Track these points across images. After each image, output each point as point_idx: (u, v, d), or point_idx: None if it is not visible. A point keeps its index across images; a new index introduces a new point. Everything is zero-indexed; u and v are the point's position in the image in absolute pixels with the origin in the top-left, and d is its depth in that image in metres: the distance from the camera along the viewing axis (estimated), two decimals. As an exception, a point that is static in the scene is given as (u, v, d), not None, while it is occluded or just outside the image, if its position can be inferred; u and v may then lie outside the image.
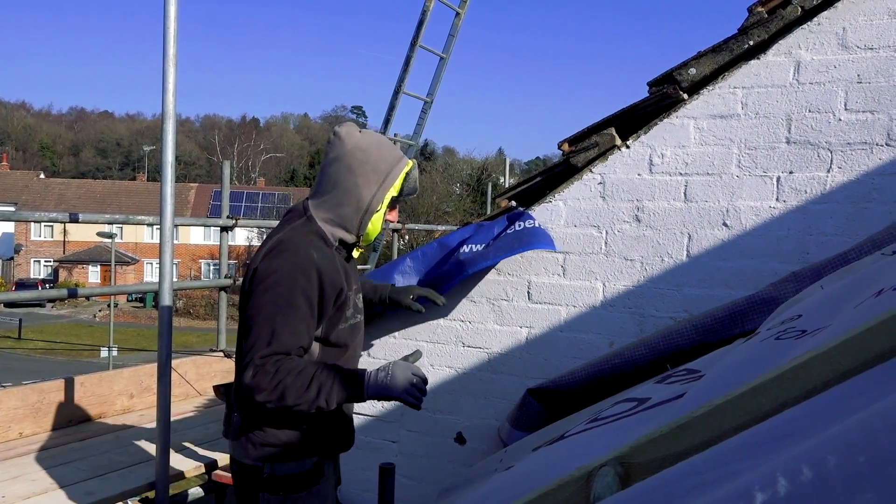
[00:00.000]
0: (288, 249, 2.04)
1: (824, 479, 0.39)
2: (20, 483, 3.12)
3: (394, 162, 2.14)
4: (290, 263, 2.01)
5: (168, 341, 3.00)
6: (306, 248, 2.03)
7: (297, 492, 2.09)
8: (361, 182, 2.10)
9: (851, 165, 2.24)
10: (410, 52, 6.88)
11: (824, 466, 0.40)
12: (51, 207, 45.40)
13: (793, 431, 0.51)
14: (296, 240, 2.06)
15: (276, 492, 2.08)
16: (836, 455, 0.40)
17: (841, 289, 1.39)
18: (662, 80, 2.49)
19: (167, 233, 2.96)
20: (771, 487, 0.41)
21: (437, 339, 2.86)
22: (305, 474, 2.11)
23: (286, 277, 1.99)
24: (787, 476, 0.40)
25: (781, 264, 2.29)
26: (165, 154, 2.89)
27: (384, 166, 2.11)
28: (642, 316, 2.51)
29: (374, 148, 2.12)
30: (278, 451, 2.09)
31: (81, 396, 4.14)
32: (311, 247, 2.05)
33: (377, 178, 2.10)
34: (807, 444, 0.43)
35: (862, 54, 2.23)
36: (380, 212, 2.14)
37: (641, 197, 2.52)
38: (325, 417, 2.11)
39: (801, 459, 0.41)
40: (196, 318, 37.59)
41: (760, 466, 0.45)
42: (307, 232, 2.09)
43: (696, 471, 0.53)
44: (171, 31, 2.81)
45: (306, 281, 2.00)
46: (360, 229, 2.14)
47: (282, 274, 2.00)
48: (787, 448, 0.46)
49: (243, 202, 48.63)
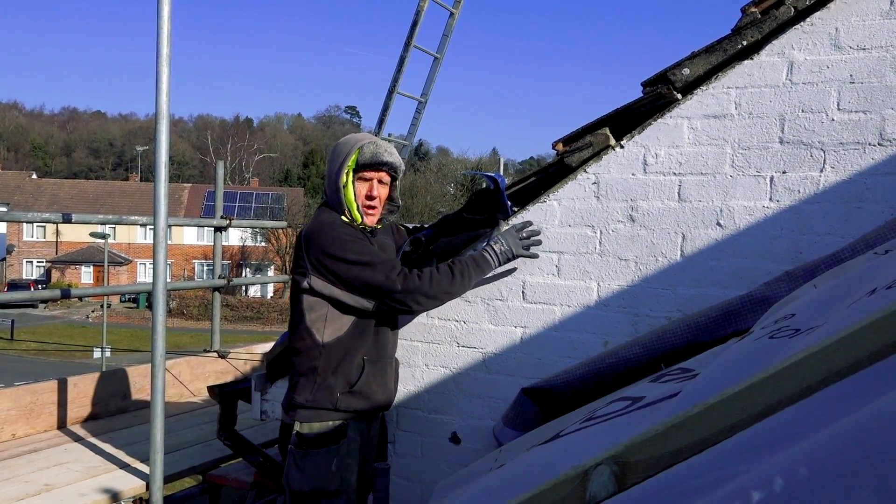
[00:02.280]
0: (321, 227, 2.52)
1: (820, 479, 0.39)
2: (13, 484, 3.10)
3: (352, 144, 2.57)
4: (329, 230, 2.50)
5: (162, 342, 2.99)
6: (331, 219, 2.55)
7: (317, 448, 2.47)
8: (332, 168, 2.61)
9: (844, 165, 2.25)
10: (405, 52, 6.87)
11: (820, 466, 0.40)
12: (43, 208, 45.20)
13: (789, 432, 0.51)
14: (319, 221, 2.57)
15: (301, 447, 2.48)
16: (832, 454, 0.40)
17: (834, 288, 1.39)
18: (656, 80, 2.49)
19: (161, 233, 2.95)
20: (768, 488, 0.41)
21: (432, 339, 2.86)
22: (327, 434, 2.48)
23: (336, 240, 2.46)
24: (784, 476, 0.41)
25: (775, 264, 2.30)
26: (159, 154, 2.88)
27: (344, 148, 2.58)
28: (637, 315, 2.51)
29: (344, 140, 2.64)
30: (307, 412, 2.49)
31: (75, 397, 4.12)
32: (334, 217, 2.56)
33: (338, 159, 2.58)
34: (803, 445, 0.43)
35: (854, 54, 2.24)
36: (348, 186, 2.55)
37: (635, 197, 2.53)
38: (347, 377, 2.50)
39: (797, 459, 0.41)
40: (189, 319, 37.48)
41: (757, 468, 0.45)
42: (324, 219, 2.57)
43: (693, 473, 0.53)
44: (165, 31, 2.80)
45: (350, 233, 2.50)
46: (342, 208, 2.57)
47: (332, 240, 2.46)
48: (784, 449, 0.46)
49: (237, 202, 48.49)
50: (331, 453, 2.46)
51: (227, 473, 3.59)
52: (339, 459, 2.48)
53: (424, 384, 2.88)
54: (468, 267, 2.49)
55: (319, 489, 2.44)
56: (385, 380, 2.62)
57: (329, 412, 2.48)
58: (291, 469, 2.47)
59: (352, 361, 2.51)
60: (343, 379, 2.49)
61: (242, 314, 38.00)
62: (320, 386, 2.48)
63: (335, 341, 2.49)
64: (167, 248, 3.03)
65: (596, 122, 2.62)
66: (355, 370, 2.51)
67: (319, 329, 2.49)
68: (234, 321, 36.21)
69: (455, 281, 2.46)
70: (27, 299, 4.24)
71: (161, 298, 3.00)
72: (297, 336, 2.55)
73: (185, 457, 3.59)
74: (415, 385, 2.90)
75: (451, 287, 2.45)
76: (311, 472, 2.44)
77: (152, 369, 2.99)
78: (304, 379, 2.51)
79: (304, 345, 2.51)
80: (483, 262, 2.52)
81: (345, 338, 2.49)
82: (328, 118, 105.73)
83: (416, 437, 2.90)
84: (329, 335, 2.49)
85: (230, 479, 3.55)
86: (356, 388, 2.50)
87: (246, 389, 3.18)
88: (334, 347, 2.49)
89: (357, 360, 2.52)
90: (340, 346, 2.49)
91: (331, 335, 2.49)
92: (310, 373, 2.50)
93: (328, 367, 2.48)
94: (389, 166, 2.57)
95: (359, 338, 2.52)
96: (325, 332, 2.49)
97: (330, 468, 2.45)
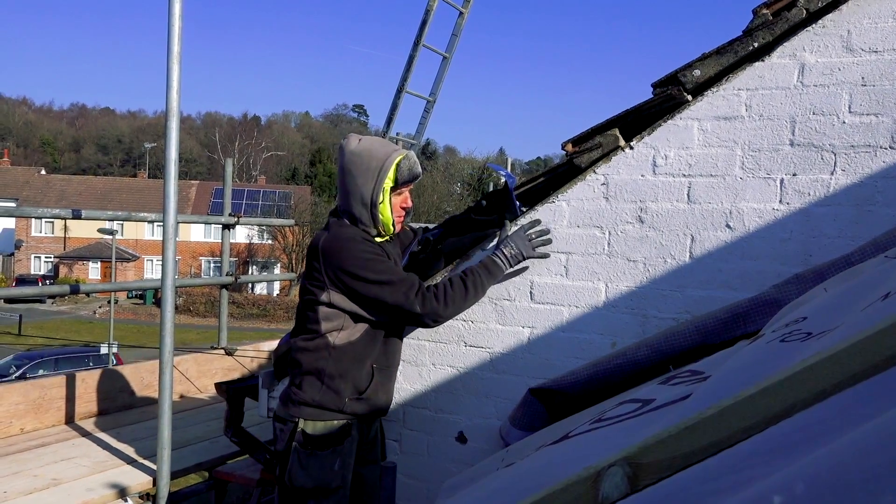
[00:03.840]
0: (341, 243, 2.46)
1: (843, 483, 0.39)
2: (21, 479, 3.12)
3: (384, 157, 2.47)
4: (349, 247, 2.44)
5: (170, 338, 3.00)
6: (351, 235, 2.49)
7: (323, 449, 2.47)
8: (360, 182, 2.47)
9: (855, 168, 2.24)
10: (414, 51, 6.87)
11: (844, 470, 0.40)
12: (52, 204, 45.41)
13: (807, 436, 0.51)
14: (339, 235, 2.49)
15: (306, 446, 2.47)
16: (855, 458, 0.40)
17: (846, 291, 1.39)
18: (667, 81, 2.49)
19: (170, 230, 2.95)
20: (789, 492, 0.41)
21: (439, 339, 2.86)
22: (332, 435, 2.49)
23: (356, 258, 2.42)
24: (806, 481, 0.40)
25: (784, 266, 2.29)
26: (169, 151, 2.89)
27: (375, 163, 2.46)
28: (645, 317, 2.51)
29: (367, 150, 2.49)
30: (311, 411, 2.49)
31: (83, 393, 4.14)
32: (354, 233, 2.50)
33: (372, 175, 2.46)
34: (824, 449, 0.43)
35: (866, 57, 2.23)
36: (384, 202, 2.48)
37: (645, 198, 2.52)
38: (356, 384, 2.50)
39: (819, 464, 0.41)
40: (196, 316, 37.58)
41: (776, 472, 0.45)
42: (344, 233, 2.51)
43: (709, 476, 0.53)
44: (176, 29, 2.81)
45: (370, 250, 2.46)
46: (375, 222, 2.51)
47: (352, 257, 2.42)
48: (802, 453, 0.46)
49: (244, 200, 48.57)
50: (335, 454, 2.49)
51: (234, 470, 3.60)
52: (342, 459, 2.51)
53: (431, 383, 2.88)
54: (480, 276, 2.52)
55: (322, 486, 2.47)
56: (389, 386, 2.65)
57: (333, 413, 2.51)
58: (295, 467, 2.49)
59: (361, 368, 2.52)
60: (352, 385, 2.50)
61: (248, 311, 38.10)
62: (328, 388, 2.49)
63: (347, 345, 2.50)
64: (176, 245, 3.04)
65: (605, 122, 2.62)
66: (365, 378, 2.52)
67: (333, 335, 2.50)
68: (241, 318, 36.28)
69: (469, 295, 2.49)
70: (37, 294, 4.25)
71: (170, 295, 3.00)
72: (307, 335, 2.55)
73: (192, 453, 3.60)
74: (422, 384, 2.90)
75: (465, 302, 2.50)
76: (315, 470, 2.47)
77: (160, 365, 3.00)
78: (311, 378, 2.51)
79: (313, 344, 2.52)
80: (494, 267, 2.55)
81: (357, 343, 2.51)
82: (336, 117, 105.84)
83: (422, 436, 2.90)
84: (341, 339, 2.50)
85: (236, 475, 3.56)
86: (365, 395, 2.52)
87: (253, 386, 3.19)
88: (345, 351, 2.50)
89: (366, 368, 2.53)
90: (351, 351, 2.50)
91: (343, 339, 2.50)
92: (316, 373, 2.50)
93: (336, 371, 2.49)
94: (419, 177, 2.59)
95: (369, 345, 2.53)
96: (339, 336, 2.50)
97: (333, 468, 2.48)
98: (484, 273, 2.53)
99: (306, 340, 2.54)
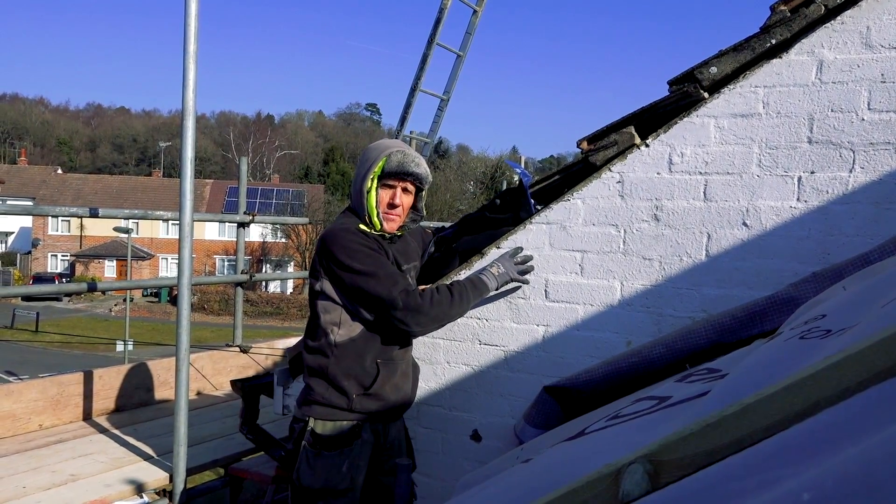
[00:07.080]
0: (336, 233, 2.52)
1: (874, 482, 0.39)
2: (40, 474, 3.16)
3: (381, 151, 2.57)
4: (341, 237, 2.49)
5: (186, 336, 3.03)
6: (345, 226, 2.53)
7: (331, 450, 2.49)
8: (358, 172, 2.62)
9: (874, 166, 2.22)
10: (427, 49, 6.86)
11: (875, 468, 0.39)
12: (68, 202, 45.84)
13: (831, 435, 0.50)
14: (336, 226, 2.58)
15: (314, 446, 2.50)
16: (886, 457, 0.40)
17: (865, 289, 1.38)
18: (683, 78, 2.47)
19: (186, 228, 2.98)
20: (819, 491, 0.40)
21: (454, 337, 2.86)
22: (341, 436, 2.51)
23: (346, 248, 2.45)
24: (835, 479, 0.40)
25: (801, 265, 2.27)
26: (185, 150, 2.91)
27: (372, 156, 2.58)
28: (660, 315, 2.50)
29: (373, 146, 2.65)
30: (322, 410, 2.52)
31: (100, 389, 4.18)
32: (349, 225, 2.55)
33: (366, 165, 2.58)
34: (854, 447, 0.42)
35: (886, 53, 2.21)
36: (371, 192, 2.54)
37: (660, 196, 2.51)
38: (361, 380, 2.51)
39: (849, 462, 0.41)
40: (210, 314, 37.79)
41: (805, 472, 0.45)
42: (341, 223, 2.59)
43: (734, 475, 0.53)
44: (192, 29, 2.83)
45: (361, 241, 2.48)
46: (366, 212, 2.55)
47: (342, 247, 2.46)
48: (828, 451, 0.46)
49: (258, 198, 48.76)
50: (343, 455, 2.50)
51: (249, 467, 3.62)
52: (351, 461, 2.51)
53: (446, 381, 2.89)
54: (466, 290, 2.52)
55: (329, 487, 2.48)
56: (397, 381, 2.61)
57: (344, 412, 2.52)
58: (303, 466, 2.51)
59: (364, 364, 2.53)
60: (356, 381, 2.52)
61: (262, 309, 38.26)
62: (332, 385, 2.52)
63: (348, 341, 2.51)
64: (192, 243, 3.06)
65: (621, 120, 2.61)
66: (369, 373, 2.53)
67: (333, 330, 2.52)
68: (254, 316, 36.44)
69: (454, 303, 2.47)
70: (54, 292, 4.30)
71: (186, 293, 3.03)
72: (312, 334, 2.60)
73: (208, 450, 3.63)
74: (436, 382, 2.90)
75: (450, 310, 2.47)
76: (322, 471, 2.48)
77: (177, 363, 3.02)
78: (318, 377, 2.55)
79: (317, 343, 2.56)
80: (481, 284, 2.57)
81: (357, 339, 2.52)
82: (349, 115, 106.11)
83: (436, 434, 2.90)
84: (342, 335, 2.52)
85: (252, 472, 3.58)
86: (371, 390, 2.52)
87: (268, 384, 3.21)
88: (346, 348, 2.51)
89: (370, 363, 2.53)
90: (353, 347, 2.52)
91: (343, 336, 2.52)
92: (321, 370, 2.53)
93: (339, 368, 2.51)
94: (415, 177, 2.56)
95: (371, 340, 2.53)
96: (339, 332, 2.52)
97: (341, 469, 2.49)
98: (470, 287, 2.53)
99: (312, 340, 2.58)
